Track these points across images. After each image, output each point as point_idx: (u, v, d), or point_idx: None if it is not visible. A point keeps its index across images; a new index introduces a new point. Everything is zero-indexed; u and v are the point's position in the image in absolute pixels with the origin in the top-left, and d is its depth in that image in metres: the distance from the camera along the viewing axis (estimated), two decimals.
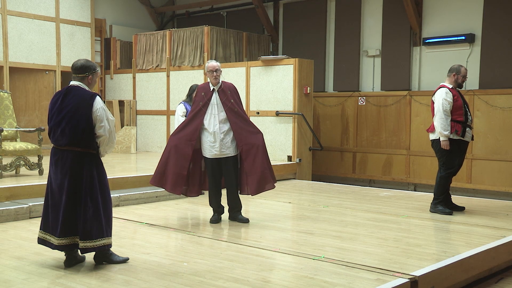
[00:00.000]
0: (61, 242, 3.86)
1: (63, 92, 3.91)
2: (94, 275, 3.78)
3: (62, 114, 3.83)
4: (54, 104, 3.91)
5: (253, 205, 6.73)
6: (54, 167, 3.90)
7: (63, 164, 3.84)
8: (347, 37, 10.87)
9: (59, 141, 3.86)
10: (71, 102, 3.83)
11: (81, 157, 3.85)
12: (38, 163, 7.27)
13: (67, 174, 3.82)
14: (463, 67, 6.19)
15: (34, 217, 5.73)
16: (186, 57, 11.02)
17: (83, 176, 3.84)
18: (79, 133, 3.81)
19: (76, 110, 3.81)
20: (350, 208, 6.55)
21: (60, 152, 3.86)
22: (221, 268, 3.94)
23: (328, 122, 11.02)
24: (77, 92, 3.87)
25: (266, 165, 5.45)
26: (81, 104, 3.82)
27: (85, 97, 3.84)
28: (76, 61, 3.98)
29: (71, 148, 3.84)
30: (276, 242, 4.74)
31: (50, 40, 11.09)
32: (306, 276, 3.76)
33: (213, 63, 5.44)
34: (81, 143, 3.84)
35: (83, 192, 3.84)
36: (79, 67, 3.93)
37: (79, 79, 3.93)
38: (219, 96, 5.45)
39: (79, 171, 3.84)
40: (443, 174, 6.12)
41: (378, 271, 3.87)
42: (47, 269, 3.90)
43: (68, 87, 3.93)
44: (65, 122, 3.81)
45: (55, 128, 3.87)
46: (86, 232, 3.83)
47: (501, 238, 4.95)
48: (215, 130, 5.39)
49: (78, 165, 3.84)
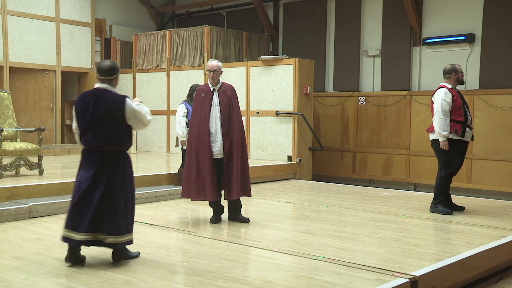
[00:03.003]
0: (85, 238, 3.92)
1: (93, 95, 3.97)
2: (94, 275, 3.78)
3: (95, 118, 3.92)
4: (85, 107, 3.96)
5: (253, 205, 6.73)
6: (87, 167, 3.97)
7: (97, 164, 3.94)
8: (347, 37, 10.87)
9: (92, 143, 3.95)
10: (104, 106, 3.93)
11: (113, 157, 3.98)
12: (38, 163, 7.26)
13: (101, 174, 3.93)
14: (455, 64, 6.24)
15: (34, 217, 5.73)
16: (186, 57, 11.02)
17: (116, 175, 3.96)
18: (113, 136, 3.94)
19: (110, 114, 3.92)
20: (350, 208, 6.55)
21: (94, 153, 3.96)
22: (221, 268, 3.94)
23: (328, 122, 11.02)
24: (108, 96, 3.97)
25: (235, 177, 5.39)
26: (114, 108, 3.93)
27: (117, 101, 3.95)
28: (102, 62, 4.03)
29: (104, 149, 3.95)
30: (276, 242, 4.74)
31: (50, 40, 11.09)
32: (306, 276, 3.76)
33: (212, 63, 5.42)
34: (114, 144, 3.97)
35: (116, 190, 3.95)
36: (108, 69, 3.99)
37: (107, 82, 4.01)
38: (219, 97, 5.45)
39: (112, 170, 3.95)
40: (443, 174, 6.12)
41: (378, 271, 3.87)
42: (47, 269, 3.90)
43: (97, 90, 4.00)
44: (98, 126, 3.92)
45: (88, 131, 3.95)
46: (115, 228, 3.92)
47: (501, 238, 4.95)
48: (216, 130, 5.39)
49: (111, 165, 3.95)
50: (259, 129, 9.99)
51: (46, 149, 9.93)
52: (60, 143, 11.38)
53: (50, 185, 6.41)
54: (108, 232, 3.92)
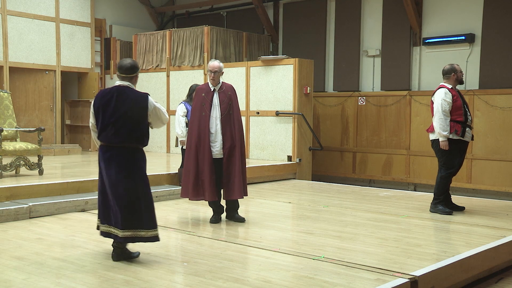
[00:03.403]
0: (125, 235, 4.00)
1: (115, 92, 4.02)
2: (94, 275, 3.78)
3: (117, 114, 3.97)
4: (107, 103, 4.01)
5: (253, 205, 6.73)
6: (107, 163, 4.03)
7: (118, 160, 4.01)
8: (347, 37, 10.87)
9: (113, 139, 4.00)
10: (126, 103, 3.99)
11: (133, 153, 4.06)
12: (38, 163, 7.26)
13: (122, 169, 4.00)
14: (454, 64, 6.24)
15: (34, 217, 5.74)
16: (186, 57, 11.02)
17: (137, 171, 4.05)
18: (133, 133, 4.01)
19: (132, 112, 3.99)
20: (350, 208, 6.55)
21: (113, 149, 4.02)
22: (221, 268, 3.94)
23: (328, 122, 11.02)
24: (130, 94, 4.03)
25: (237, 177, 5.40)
26: (137, 106, 4.01)
27: (139, 98, 4.03)
28: (123, 60, 4.09)
29: (124, 145, 4.01)
30: (276, 242, 4.74)
31: (50, 40, 11.09)
32: (306, 276, 3.77)
33: (214, 64, 5.42)
34: (134, 141, 4.04)
35: (139, 186, 4.04)
36: (129, 67, 4.07)
37: (128, 79, 4.08)
38: (220, 97, 5.45)
39: (133, 166, 4.04)
40: (444, 175, 6.12)
41: (378, 271, 3.87)
42: (47, 269, 3.90)
43: (119, 87, 4.05)
44: (120, 123, 3.97)
45: (108, 127, 4.00)
46: (144, 222, 4.03)
47: (501, 238, 4.95)
48: (216, 130, 5.39)
49: (131, 160, 4.04)
50: (259, 129, 9.99)
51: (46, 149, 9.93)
52: (60, 143, 11.38)
53: (50, 185, 6.41)
54: (139, 226, 4.02)
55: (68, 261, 4.11)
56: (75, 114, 11.92)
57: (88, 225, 5.42)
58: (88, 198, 6.30)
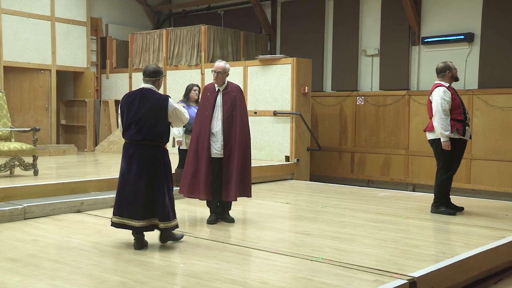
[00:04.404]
0: (142, 224, 4.42)
1: (139, 93, 4.49)
2: (89, 276, 3.78)
3: (140, 114, 4.42)
4: (131, 104, 4.48)
5: (250, 205, 6.73)
6: (129, 159, 4.46)
7: (140, 156, 4.43)
8: (346, 36, 10.88)
9: (136, 136, 4.43)
10: (149, 104, 4.45)
11: (155, 149, 4.48)
12: (33, 163, 7.25)
13: (145, 165, 4.42)
14: (447, 61, 6.21)
15: (29, 218, 5.72)
16: (183, 56, 11.01)
17: (158, 166, 4.46)
18: (154, 131, 4.43)
19: (153, 111, 4.44)
20: (348, 209, 6.55)
21: (136, 146, 4.45)
22: (218, 269, 3.94)
23: (326, 122, 11.03)
24: (152, 95, 4.50)
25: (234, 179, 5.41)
26: (158, 106, 4.46)
27: (160, 100, 4.49)
28: (148, 66, 4.63)
29: (146, 142, 4.43)
30: (274, 243, 4.74)
31: (45, 39, 11.07)
32: (304, 277, 3.77)
33: (219, 64, 5.44)
34: (155, 138, 4.46)
35: (159, 180, 4.44)
36: (152, 71, 4.57)
37: (151, 82, 4.57)
38: (223, 98, 5.45)
39: (155, 161, 4.46)
40: (445, 178, 6.08)
41: (376, 272, 3.87)
42: (42, 271, 3.89)
43: (143, 89, 4.54)
44: (143, 121, 4.41)
45: (132, 125, 4.44)
46: (165, 214, 4.44)
47: (500, 239, 4.96)
48: (217, 130, 5.41)
49: (153, 156, 4.45)
50: (256, 129, 9.99)
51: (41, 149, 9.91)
52: (56, 143, 11.36)
53: (45, 186, 6.39)
54: (160, 218, 4.43)
55: (64, 262, 4.10)
56: (71, 114, 11.90)
57: (84, 226, 5.41)
58: (83, 199, 6.29)
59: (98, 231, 5.19)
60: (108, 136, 11.51)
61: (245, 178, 5.55)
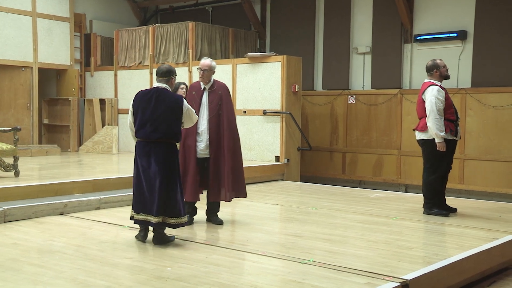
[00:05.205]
0: (158, 220, 4.63)
1: (155, 93, 4.71)
2: (73, 281, 3.75)
3: (157, 113, 4.65)
4: (147, 103, 4.69)
5: (239, 207, 6.73)
6: (145, 157, 4.67)
7: (157, 154, 4.65)
8: (337, 34, 10.92)
9: (152, 135, 4.65)
10: (165, 103, 4.69)
11: (170, 148, 4.73)
12: (14, 164, 7.18)
13: (161, 162, 4.64)
14: (437, 59, 6.23)
15: (9, 221, 5.66)
16: (170, 53, 10.98)
17: (173, 163, 4.70)
18: (170, 129, 4.68)
19: (170, 111, 4.68)
20: (339, 210, 6.58)
21: (152, 144, 4.67)
22: (206, 272, 3.94)
23: (317, 121, 11.06)
24: (167, 95, 4.74)
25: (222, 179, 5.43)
26: (174, 106, 4.70)
27: (175, 100, 4.75)
28: (161, 66, 4.88)
29: (163, 140, 4.67)
30: (263, 246, 4.75)
31: (27, 35, 10.97)
32: (294, 280, 3.77)
33: (205, 62, 5.45)
34: (170, 137, 4.71)
35: (174, 177, 4.69)
36: (165, 71, 4.82)
37: (165, 82, 4.82)
38: (209, 97, 5.46)
39: (169, 159, 4.69)
40: (432, 178, 6.10)
41: (368, 274, 3.89)
42: (23, 276, 3.86)
43: (158, 89, 4.76)
44: (160, 121, 4.64)
45: (147, 124, 4.65)
46: (178, 210, 4.69)
47: (494, 240, 5.01)
48: (203, 129, 5.42)
49: (168, 154, 4.69)
50: (245, 129, 9.99)
51: (23, 149, 9.82)
52: (38, 143, 11.26)
53: (26, 188, 6.34)
54: (172, 214, 4.66)
55: (46, 267, 4.07)
56: (54, 113, 11.81)
57: (67, 229, 5.38)
58: (67, 201, 6.24)
59: (82, 234, 5.16)
60: (93, 136, 11.45)
61: (239, 179, 5.57)
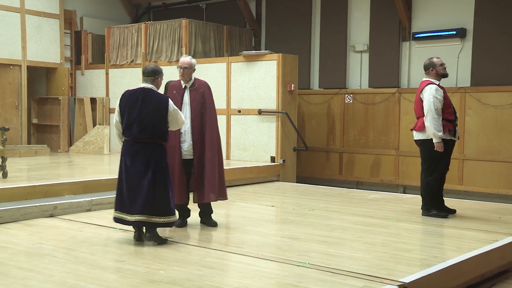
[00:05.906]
0: (139, 219, 4.71)
1: (141, 93, 4.80)
2: (63, 285, 3.74)
3: (144, 113, 4.74)
4: (133, 103, 4.78)
5: (234, 208, 6.73)
6: (132, 157, 4.77)
7: (143, 154, 4.75)
8: (333, 32, 10.94)
9: (139, 135, 4.74)
10: (151, 104, 4.78)
11: (156, 147, 4.81)
12: (2, 165, 7.15)
13: (147, 162, 4.73)
14: (434, 57, 6.25)
15: None
16: (163, 51, 10.97)
17: (160, 163, 4.79)
18: (157, 129, 4.78)
19: (156, 111, 4.77)
20: (336, 212, 6.59)
21: (139, 144, 4.77)
22: (200, 276, 3.94)
23: (313, 121, 11.07)
24: (154, 95, 4.83)
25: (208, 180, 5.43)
26: (160, 106, 4.79)
27: (161, 100, 4.83)
28: (147, 65, 4.99)
29: (149, 140, 4.77)
30: (259, 248, 4.75)
31: (15, 32, 10.93)
32: (290, 283, 3.78)
33: (184, 60, 5.46)
34: (157, 137, 4.80)
35: (163, 176, 4.77)
36: (150, 71, 4.91)
37: (151, 81, 4.90)
38: (190, 95, 5.46)
39: (159, 159, 4.79)
40: (430, 179, 6.12)
41: (365, 277, 3.90)
42: (12, 280, 3.85)
43: (144, 89, 4.85)
44: (146, 121, 4.74)
45: (134, 124, 4.74)
46: (167, 209, 4.78)
47: (494, 242, 5.03)
48: (186, 129, 5.41)
49: (155, 154, 4.78)
50: (240, 129, 10.00)
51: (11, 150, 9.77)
52: (26, 143, 11.22)
53: (15, 189, 6.31)
54: (161, 213, 4.74)
55: (35, 270, 4.06)
56: (43, 113, 11.76)
57: (57, 232, 5.36)
58: (57, 203, 6.23)
59: (72, 237, 5.15)
60: (84, 136, 11.41)
61: (223, 180, 5.57)
